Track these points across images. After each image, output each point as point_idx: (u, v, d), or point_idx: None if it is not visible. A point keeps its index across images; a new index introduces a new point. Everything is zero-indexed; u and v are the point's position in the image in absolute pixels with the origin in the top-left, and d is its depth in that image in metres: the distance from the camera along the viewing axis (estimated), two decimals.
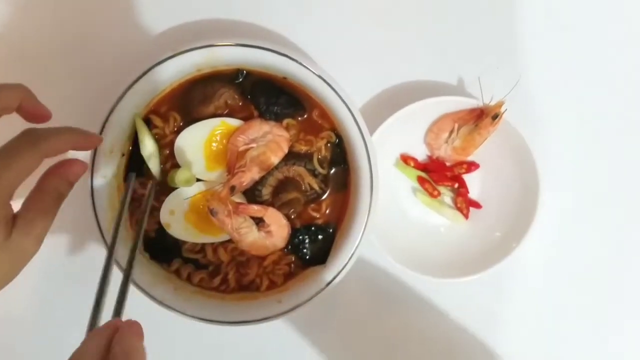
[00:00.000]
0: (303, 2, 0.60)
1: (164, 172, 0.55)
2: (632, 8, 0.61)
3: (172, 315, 0.53)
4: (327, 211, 0.57)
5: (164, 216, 0.55)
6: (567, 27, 0.62)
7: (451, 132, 0.58)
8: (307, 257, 0.57)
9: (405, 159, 0.61)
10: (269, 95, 0.55)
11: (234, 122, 0.55)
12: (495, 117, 0.55)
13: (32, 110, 0.41)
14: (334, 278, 0.53)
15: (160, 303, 0.53)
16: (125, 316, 0.60)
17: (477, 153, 0.59)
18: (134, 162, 0.55)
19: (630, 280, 0.62)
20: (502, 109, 0.55)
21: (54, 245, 0.60)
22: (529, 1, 0.60)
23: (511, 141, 0.57)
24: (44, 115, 0.42)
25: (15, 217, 0.39)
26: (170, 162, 0.55)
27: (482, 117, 0.56)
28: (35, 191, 0.40)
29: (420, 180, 0.60)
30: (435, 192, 0.61)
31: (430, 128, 0.60)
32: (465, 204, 0.60)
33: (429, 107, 0.57)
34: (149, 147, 0.54)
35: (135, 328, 0.37)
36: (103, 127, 0.52)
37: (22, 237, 0.38)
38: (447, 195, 0.62)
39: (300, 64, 0.52)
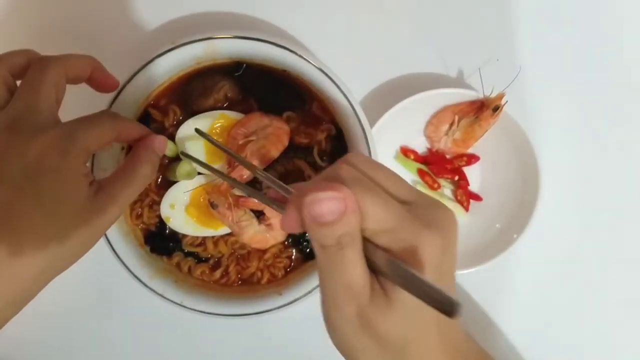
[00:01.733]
0: None
1: (163, 166, 0.55)
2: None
3: (173, 308, 0.53)
4: None
5: (165, 210, 0.55)
6: (567, 19, 0.61)
7: (451, 124, 0.58)
8: (308, 250, 0.57)
9: (405, 151, 0.61)
10: (268, 88, 0.55)
11: (233, 115, 0.55)
12: (496, 109, 0.55)
13: (102, 79, 0.43)
14: None
15: (161, 296, 0.53)
16: (126, 308, 0.61)
17: (477, 145, 0.59)
18: None
19: (631, 271, 0.62)
20: (503, 101, 0.55)
21: None
22: None
23: (511, 133, 0.56)
24: (113, 84, 0.45)
25: (101, 183, 0.39)
26: None
27: (483, 109, 0.56)
28: (125, 160, 0.42)
29: (421, 173, 0.60)
30: (436, 185, 0.61)
31: (430, 120, 0.60)
32: (465, 196, 0.60)
33: (429, 99, 0.56)
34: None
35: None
36: None
37: (107, 201, 0.38)
38: (447, 188, 0.62)
39: (300, 56, 0.52)
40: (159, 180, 0.56)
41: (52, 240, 0.35)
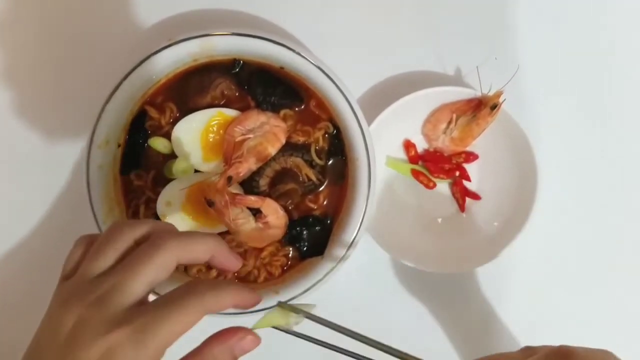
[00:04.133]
0: None
1: (160, 163, 0.55)
2: None
3: None
4: (325, 202, 0.57)
5: (161, 207, 0.54)
6: (566, 18, 0.61)
7: (449, 122, 0.58)
8: (305, 248, 0.56)
9: (407, 145, 0.60)
10: (266, 85, 0.54)
11: (230, 113, 0.54)
12: (494, 107, 0.55)
13: (223, 265, 0.38)
14: (332, 269, 0.53)
15: (156, 294, 0.53)
16: None
17: (474, 144, 0.59)
18: (130, 153, 0.55)
19: (630, 269, 0.62)
20: (501, 99, 0.55)
21: (49, 236, 0.60)
22: None
23: (509, 131, 0.56)
24: (235, 268, 0.40)
25: None
26: None
27: (481, 107, 0.56)
28: (193, 356, 0.35)
29: (415, 173, 0.60)
30: (431, 184, 0.60)
31: (427, 119, 0.60)
32: (461, 194, 0.60)
33: (427, 97, 0.56)
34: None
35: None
36: (99, 117, 0.52)
37: None
38: (444, 184, 0.61)
39: (298, 53, 0.52)
40: (156, 177, 0.55)
41: None
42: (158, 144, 0.54)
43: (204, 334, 0.36)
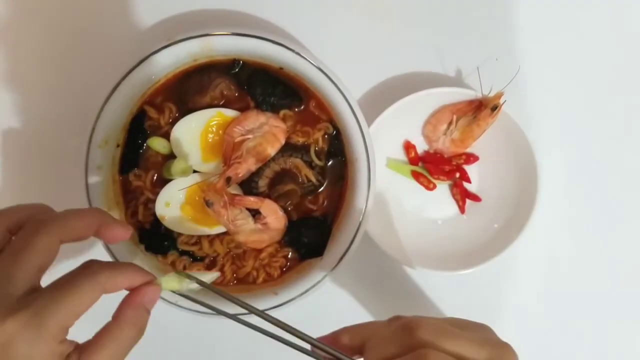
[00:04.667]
0: None
1: (159, 163, 0.55)
2: None
3: (167, 307, 0.53)
4: (324, 203, 0.56)
5: (160, 208, 0.54)
6: (566, 19, 0.61)
7: (449, 124, 0.58)
8: (304, 249, 0.56)
9: (408, 146, 0.60)
10: (265, 85, 0.54)
11: (230, 113, 0.54)
12: (495, 108, 0.55)
13: (110, 235, 0.38)
14: (331, 271, 0.53)
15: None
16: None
17: (475, 145, 0.59)
18: (130, 154, 0.55)
19: (631, 270, 0.62)
20: (502, 100, 0.54)
21: None
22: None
23: (510, 133, 0.56)
24: (123, 237, 0.38)
25: (82, 348, 0.34)
26: None
27: (481, 108, 0.56)
28: (111, 322, 0.35)
29: (415, 174, 0.60)
30: (431, 185, 0.60)
31: (428, 120, 0.59)
32: (461, 195, 0.60)
33: (427, 98, 0.56)
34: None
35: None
36: (98, 117, 0.51)
37: None
38: (444, 185, 0.61)
39: (298, 54, 0.52)
40: (155, 178, 0.55)
41: None
42: (157, 144, 0.54)
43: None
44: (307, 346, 0.39)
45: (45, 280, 0.34)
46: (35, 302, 0.32)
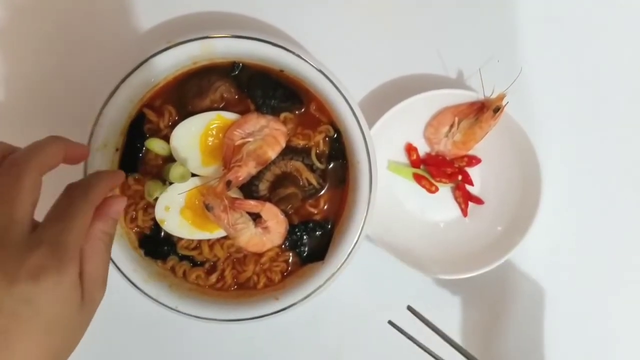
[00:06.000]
0: None
1: (159, 167, 0.54)
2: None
3: (167, 313, 0.52)
4: (325, 207, 0.56)
5: (159, 212, 0.54)
6: (568, 20, 0.61)
7: (451, 126, 0.58)
8: (305, 253, 0.56)
9: (409, 149, 0.60)
10: (265, 88, 0.54)
11: (230, 116, 0.54)
12: (497, 110, 0.54)
13: (74, 157, 0.41)
14: (333, 275, 0.52)
15: (155, 300, 0.52)
16: (120, 314, 0.60)
17: (477, 147, 0.58)
18: (129, 157, 0.55)
19: (635, 271, 0.61)
20: (504, 102, 0.54)
21: None
22: None
23: (512, 135, 0.56)
24: (83, 156, 0.42)
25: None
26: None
27: (483, 110, 0.55)
28: (87, 241, 0.38)
29: (417, 177, 0.60)
30: (433, 188, 0.60)
31: (429, 122, 0.59)
32: (463, 198, 0.59)
33: (429, 100, 0.56)
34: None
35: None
36: (97, 120, 0.51)
37: (91, 290, 0.37)
38: (446, 188, 0.60)
39: (298, 56, 0.51)
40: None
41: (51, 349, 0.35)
42: (155, 145, 0.53)
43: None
44: None
45: None
46: (47, 233, 0.35)
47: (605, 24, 0.61)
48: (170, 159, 0.54)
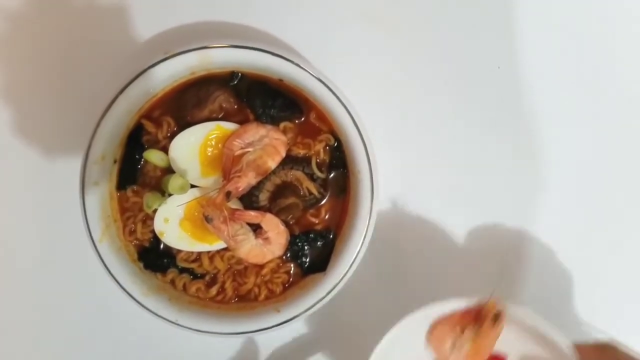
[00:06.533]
0: (296, 2, 0.59)
1: (157, 178, 0.54)
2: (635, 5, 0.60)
3: (167, 326, 0.52)
4: (327, 216, 0.56)
5: (158, 224, 0.53)
6: (569, 24, 0.60)
7: (455, 338, 0.51)
8: (307, 264, 0.55)
9: None
10: (265, 97, 0.54)
11: (229, 126, 0.53)
12: (496, 317, 0.48)
13: None
14: (335, 286, 0.52)
15: (155, 314, 0.52)
16: (119, 329, 0.59)
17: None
18: (127, 169, 0.54)
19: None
20: (501, 308, 0.48)
21: (44, 252, 0.59)
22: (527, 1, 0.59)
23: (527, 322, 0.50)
24: None
25: None
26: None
27: (481, 318, 0.49)
28: None
29: None
30: None
31: (428, 341, 0.52)
32: None
33: (415, 323, 0.50)
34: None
35: None
36: (94, 132, 0.51)
37: None
38: None
39: (298, 65, 0.51)
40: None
41: None
42: (153, 156, 0.52)
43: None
44: None
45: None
46: None
47: (608, 31, 0.60)
48: (169, 170, 0.53)
